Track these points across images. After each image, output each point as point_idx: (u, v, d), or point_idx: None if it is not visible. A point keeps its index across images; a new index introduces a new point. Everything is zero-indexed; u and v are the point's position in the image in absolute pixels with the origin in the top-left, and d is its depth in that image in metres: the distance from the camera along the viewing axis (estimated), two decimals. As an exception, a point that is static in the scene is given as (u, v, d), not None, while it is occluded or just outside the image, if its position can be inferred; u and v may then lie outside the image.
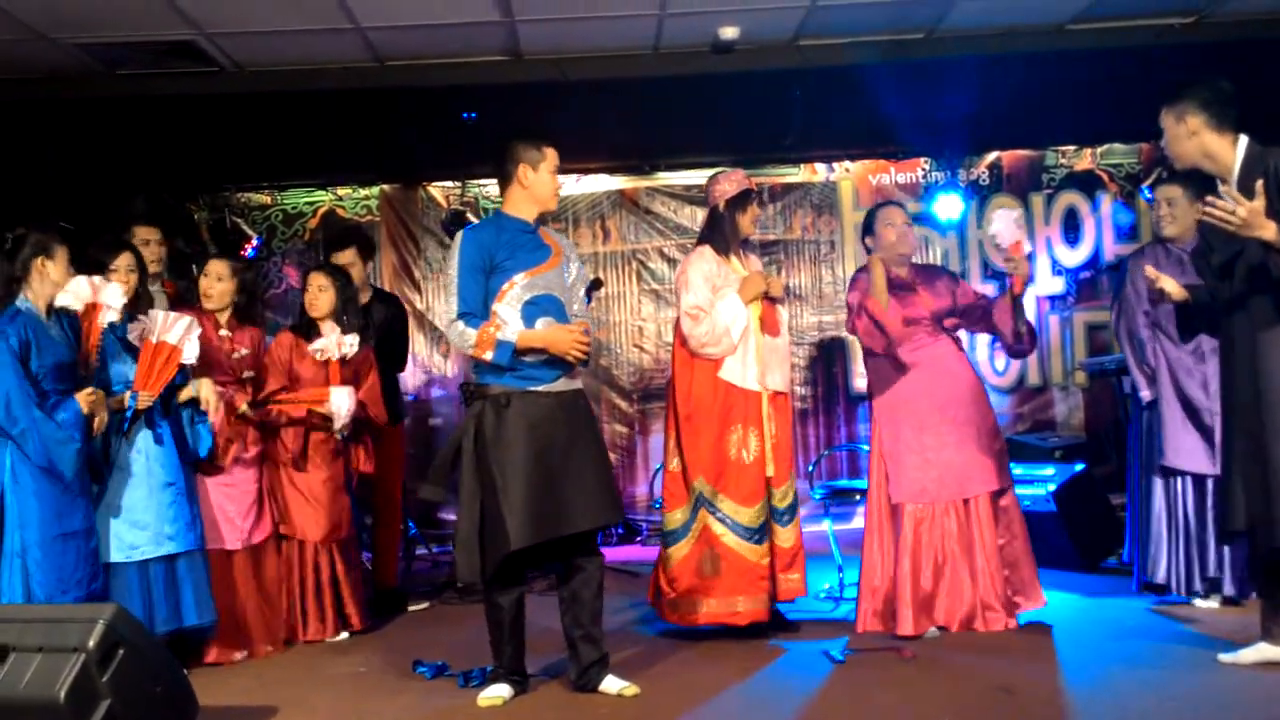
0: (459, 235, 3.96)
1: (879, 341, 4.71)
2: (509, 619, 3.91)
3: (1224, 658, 3.95)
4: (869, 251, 5.01)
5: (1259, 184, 3.61)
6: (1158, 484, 4.93)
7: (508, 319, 3.83)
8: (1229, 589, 4.77)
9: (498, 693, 3.88)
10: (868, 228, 4.98)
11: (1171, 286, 4.23)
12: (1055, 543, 5.83)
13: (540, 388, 3.86)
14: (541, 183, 3.97)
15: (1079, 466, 6.12)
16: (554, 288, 3.94)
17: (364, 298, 5.95)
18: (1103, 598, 5.17)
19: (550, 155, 3.98)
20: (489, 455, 3.78)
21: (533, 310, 3.86)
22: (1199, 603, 4.83)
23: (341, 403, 4.97)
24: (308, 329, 5.16)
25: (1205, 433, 4.70)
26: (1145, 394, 4.96)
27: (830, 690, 3.90)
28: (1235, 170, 3.82)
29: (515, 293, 3.86)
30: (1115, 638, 4.43)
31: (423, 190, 8.24)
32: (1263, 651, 3.86)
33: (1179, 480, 4.85)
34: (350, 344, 5.15)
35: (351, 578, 5.18)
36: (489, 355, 3.80)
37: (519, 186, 3.97)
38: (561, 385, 3.91)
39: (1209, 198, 3.74)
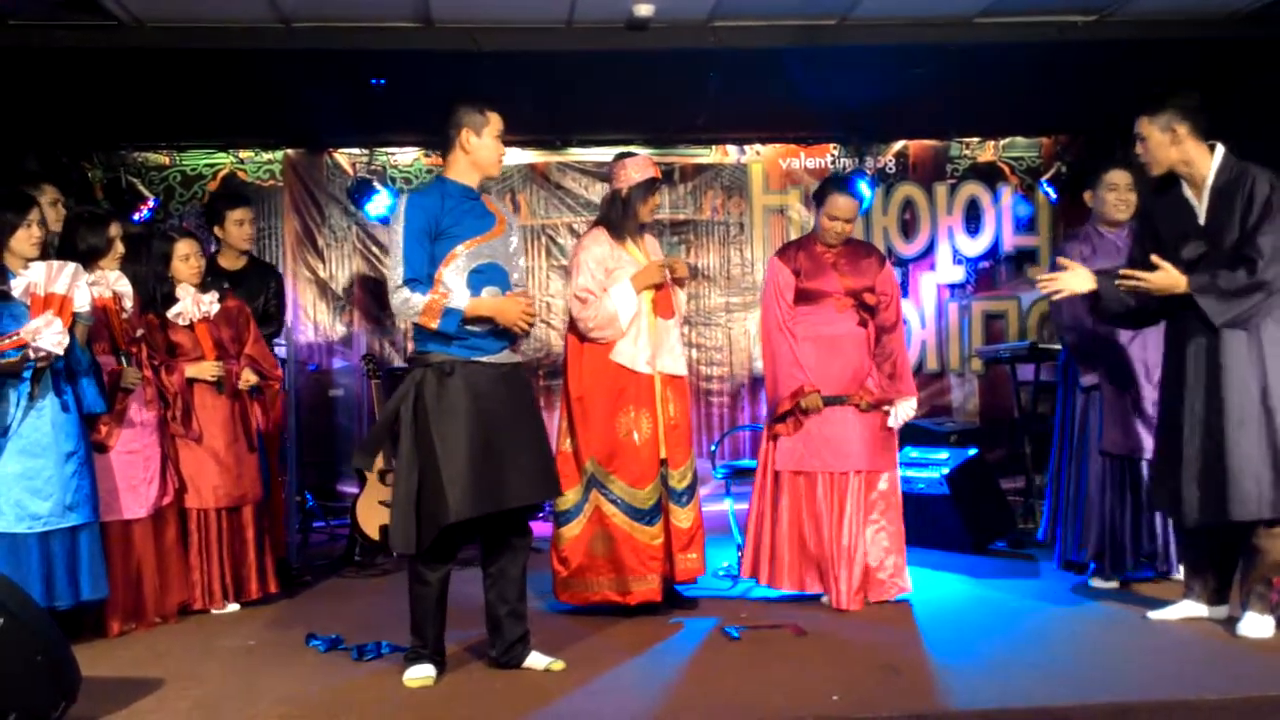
0: (402, 199, 3.85)
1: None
2: (436, 595, 3.80)
3: (1153, 615, 4.33)
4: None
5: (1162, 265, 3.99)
6: (1094, 467, 4.99)
7: (454, 287, 3.75)
8: (1163, 565, 4.92)
9: (424, 672, 3.76)
10: (819, 200, 4.96)
11: (1080, 285, 4.21)
12: (947, 525, 5.98)
13: (484, 358, 3.78)
14: (485, 148, 3.87)
15: (972, 451, 6.27)
16: (498, 256, 3.87)
17: (242, 263, 5.88)
18: (991, 579, 5.32)
19: (494, 120, 3.88)
20: (430, 424, 3.68)
21: (478, 279, 3.78)
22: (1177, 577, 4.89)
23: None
24: (166, 300, 5.00)
25: (1145, 419, 4.76)
26: (1085, 379, 5.03)
27: (724, 665, 3.95)
28: (1210, 177, 4.06)
29: (460, 261, 3.77)
30: (1001, 616, 4.55)
31: (328, 157, 8.10)
32: (1186, 609, 4.29)
33: (1117, 464, 4.90)
34: (210, 301, 5.08)
35: (263, 542, 5.10)
36: (436, 324, 3.70)
37: (461, 152, 3.87)
38: (504, 357, 3.85)
39: (1123, 270, 4.08)
